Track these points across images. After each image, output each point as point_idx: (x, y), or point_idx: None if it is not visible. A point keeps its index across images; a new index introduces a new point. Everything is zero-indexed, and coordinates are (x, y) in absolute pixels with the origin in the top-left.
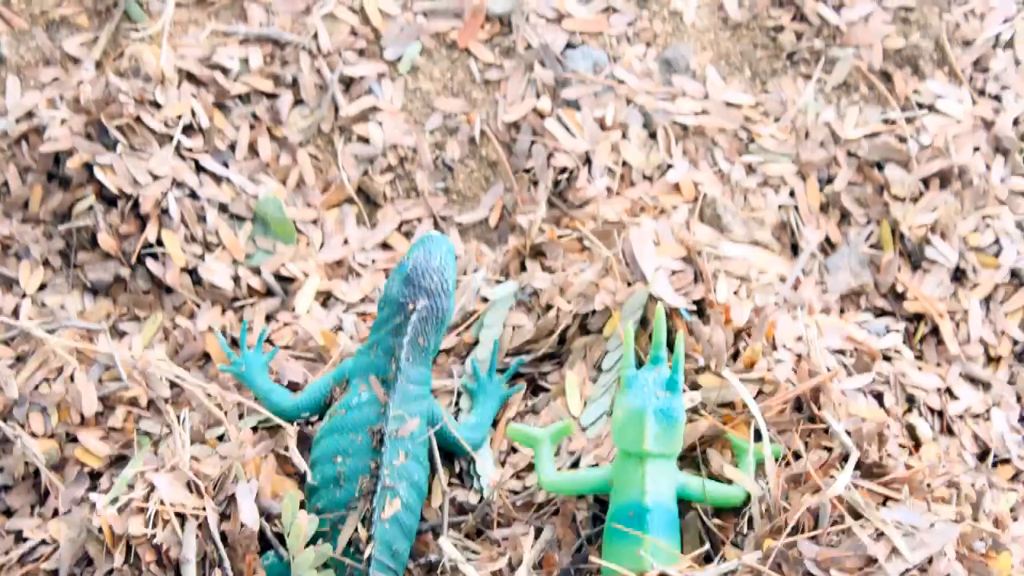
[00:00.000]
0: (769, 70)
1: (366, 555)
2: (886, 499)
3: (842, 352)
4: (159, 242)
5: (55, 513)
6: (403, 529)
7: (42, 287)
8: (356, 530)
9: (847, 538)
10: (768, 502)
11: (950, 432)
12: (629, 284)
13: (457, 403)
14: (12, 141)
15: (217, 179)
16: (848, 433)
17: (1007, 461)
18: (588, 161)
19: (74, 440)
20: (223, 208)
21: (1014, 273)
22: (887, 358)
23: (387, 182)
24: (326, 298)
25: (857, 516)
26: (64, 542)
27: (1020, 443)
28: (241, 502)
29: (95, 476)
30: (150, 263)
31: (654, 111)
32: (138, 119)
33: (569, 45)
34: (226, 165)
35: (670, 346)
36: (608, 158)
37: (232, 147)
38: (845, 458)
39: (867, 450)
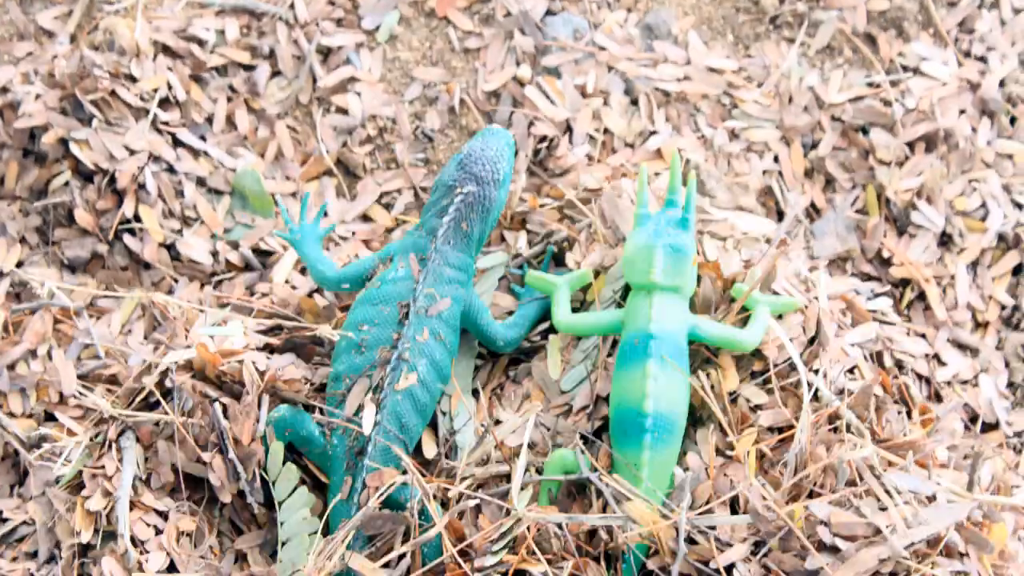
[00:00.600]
0: (752, 34)
1: (373, 421)
2: (889, 463)
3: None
4: (136, 217)
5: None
6: (416, 405)
7: (19, 264)
8: (369, 396)
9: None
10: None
11: (938, 398)
12: (612, 247)
13: None
14: None
15: (195, 153)
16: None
17: (995, 427)
18: (569, 129)
19: (52, 419)
20: (200, 182)
21: (1001, 237)
22: (877, 322)
23: (366, 153)
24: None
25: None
26: (39, 524)
27: (1008, 409)
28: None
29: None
30: (127, 239)
31: (636, 78)
32: (113, 93)
33: (549, 12)
34: (203, 139)
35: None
36: (589, 125)
37: (209, 120)
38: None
39: (870, 419)
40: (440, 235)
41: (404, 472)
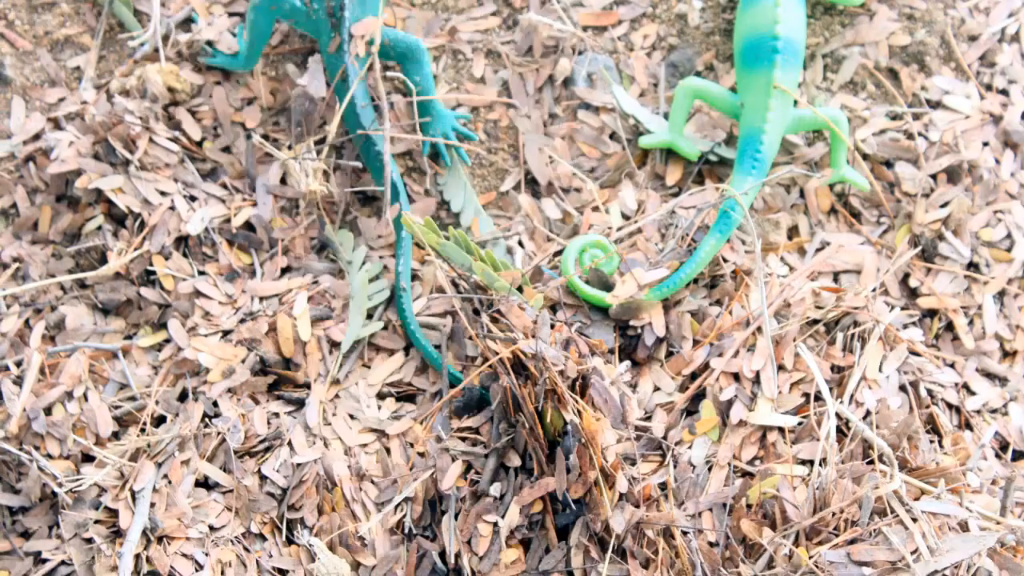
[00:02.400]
0: None
1: None
2: (921, 492)
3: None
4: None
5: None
6: None
7: (53, 308)
8: None
9: (883, 535)
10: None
11: (968, 427)
12: None
13: None
14: (20, 162)
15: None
16: (877, 428)
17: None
18: None
19: (90, 460)
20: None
21: None
22: (911, 352)
23: None
24: None
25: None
26: (77, 564)
27: None
28: None
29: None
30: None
31: None
32: (148, 138)
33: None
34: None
35: None
36: None
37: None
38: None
39: (903, 448)
40: None
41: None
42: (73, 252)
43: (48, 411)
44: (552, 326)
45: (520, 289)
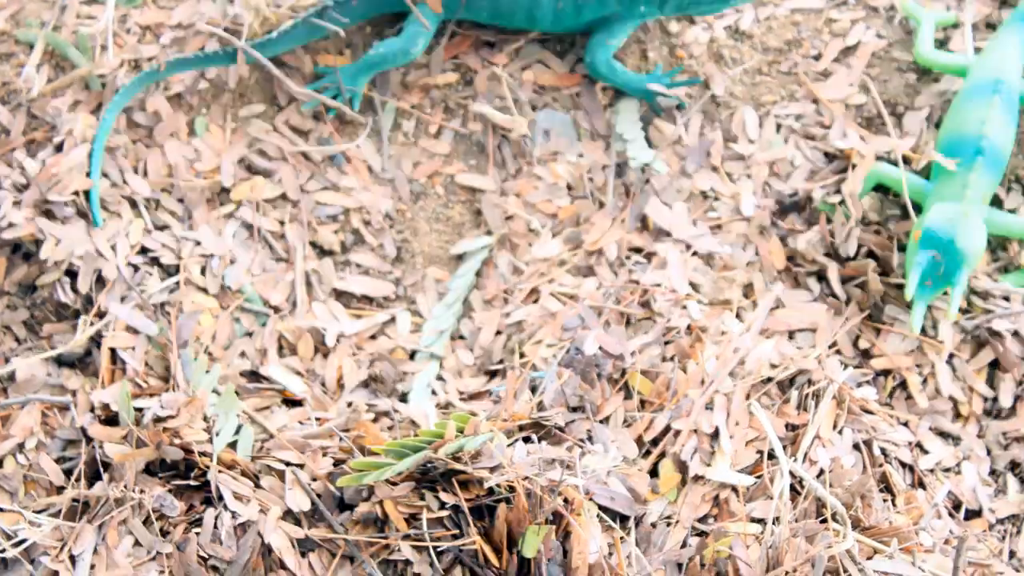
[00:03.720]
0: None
1: None
2: (874, 551)
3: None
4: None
5: None
6: None
7: (7, 359)
8: None
9: None
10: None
11: (922, 486)
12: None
13: None
14: None
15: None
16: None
17: (978, 514)
18: None
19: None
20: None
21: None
22: (864, 410)
23: None
24: None
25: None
26: None
27: (991, 496)
28: None
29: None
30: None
31: None
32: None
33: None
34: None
35: None
36: None
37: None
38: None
39: (856, 506)
40: None
41: None
42: (28, 304)
43: None
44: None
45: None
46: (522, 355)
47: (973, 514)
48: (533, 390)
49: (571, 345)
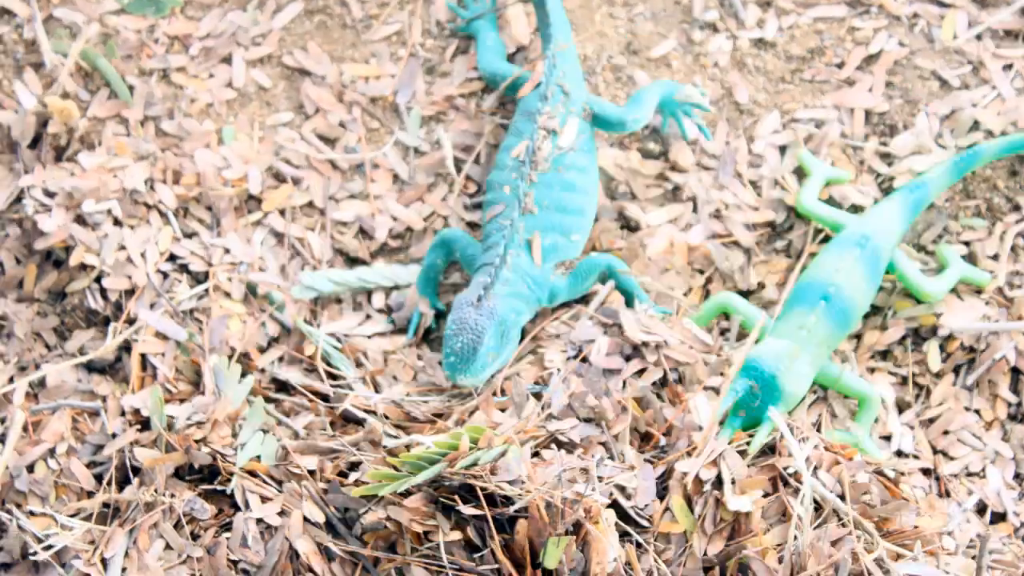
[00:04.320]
0: None
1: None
2: (898, 555)
3: None
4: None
5: None
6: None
7: (37, 366)
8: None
9: None
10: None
11: (947, 493)
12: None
13: None
14: (4, 222)
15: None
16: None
17: (1003, 517)
18: None
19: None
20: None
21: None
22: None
23: None
24: None
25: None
26: None
27: (1016, 500)
28: None
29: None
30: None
31: None
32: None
33: None
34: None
35: None
36: None
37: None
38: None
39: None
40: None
41: None
42: (59, 311)
43: (31, 469)
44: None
45: None
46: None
47: (998, 517)
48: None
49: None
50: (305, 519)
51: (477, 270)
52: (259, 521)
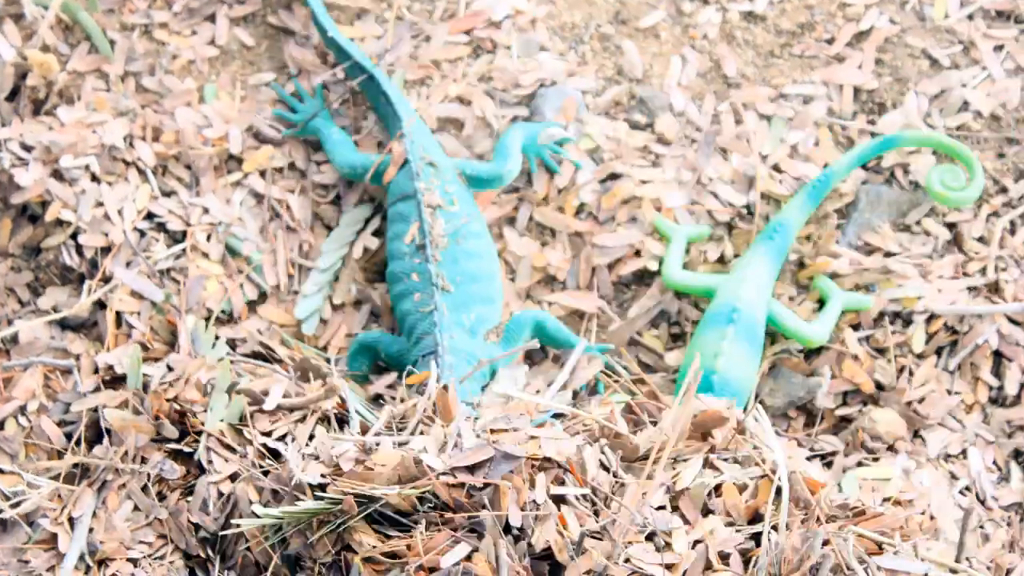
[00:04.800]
0: None
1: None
2: (880, 545)
3: None
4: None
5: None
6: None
7: (10, 321)
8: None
9: None
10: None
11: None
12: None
13: None
14: None
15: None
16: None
17: (982, 502)
18: None
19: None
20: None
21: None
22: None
23: None
24: None
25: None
26: None
27: (995, 484)
28: None
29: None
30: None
31: None
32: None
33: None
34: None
35: None
36: None
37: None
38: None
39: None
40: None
41: None
42: (33, 266)
43: (1, 426)
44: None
45: None
46: None
47: (978, 502)
48: None
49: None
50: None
51: (415, 364)
52: (218, 488)
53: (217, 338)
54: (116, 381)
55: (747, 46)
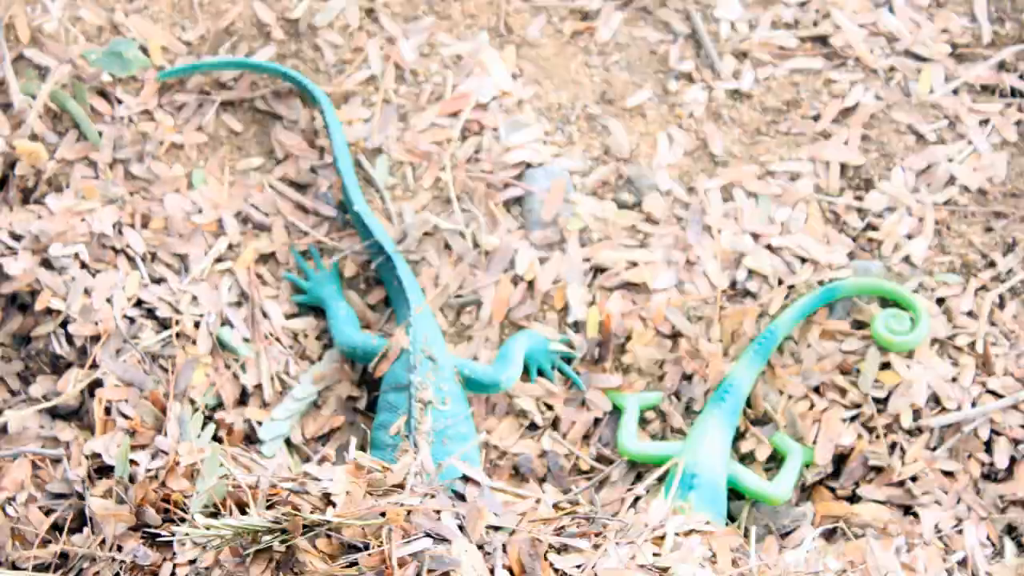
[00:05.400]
0: None
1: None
2: None
3: None
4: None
5: None
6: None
7: (0, 411)
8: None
9: None
10: None
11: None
12: None
13: None
14: None
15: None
16: None
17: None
18: None
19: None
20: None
21: None
22: None
23: None
24: None
25: None
26: None
27: (989, 559)
28: None
29: None
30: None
31: None
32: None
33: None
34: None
35: None
36: None
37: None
38: None
39: None
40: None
41: None
42: (23, 355)
43: None
44: None
45: None
46: None
47: None
48: (515, 469)
49: None
50: None
51: None
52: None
53: (200, 434)
54: (104, 470)
55: (733, 124)
